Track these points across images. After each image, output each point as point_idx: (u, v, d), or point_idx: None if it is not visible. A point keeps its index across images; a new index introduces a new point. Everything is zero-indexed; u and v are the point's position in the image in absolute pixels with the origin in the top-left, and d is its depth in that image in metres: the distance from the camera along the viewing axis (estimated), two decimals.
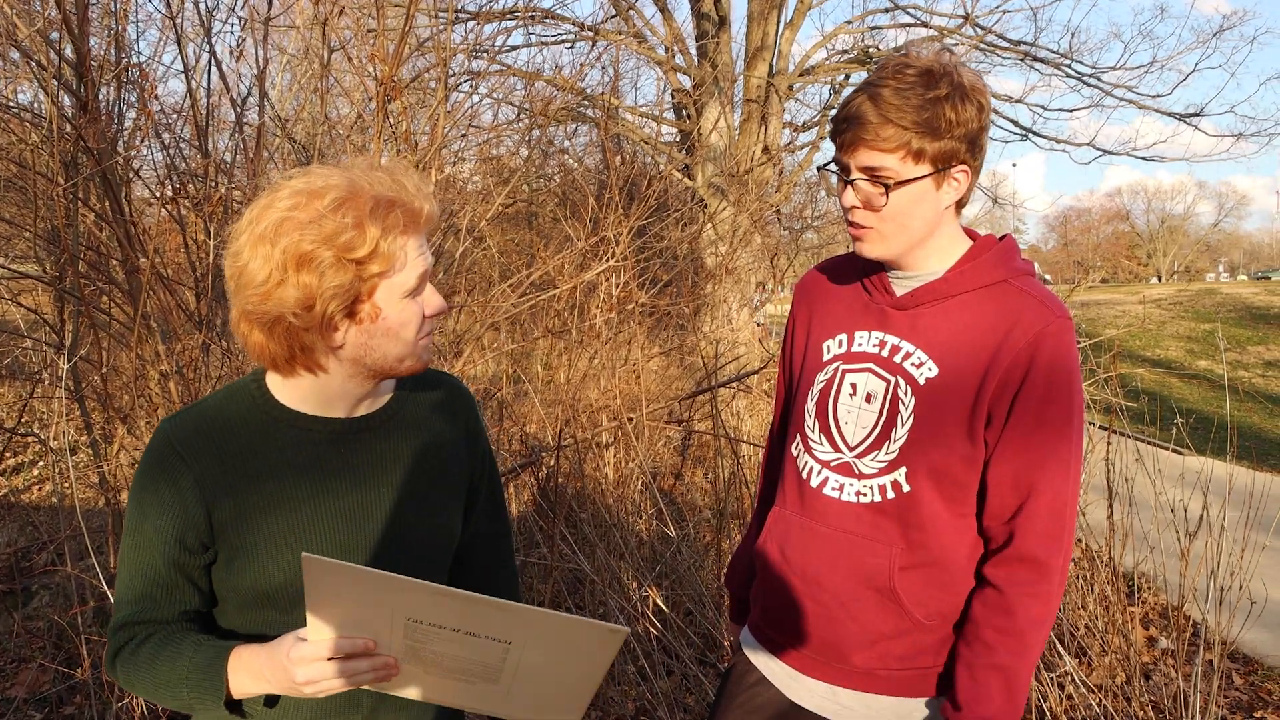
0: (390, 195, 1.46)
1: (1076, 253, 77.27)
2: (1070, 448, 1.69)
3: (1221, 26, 16.08)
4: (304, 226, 1.41)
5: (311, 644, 1.34)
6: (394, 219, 1.45)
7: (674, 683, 4.00)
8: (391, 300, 1.49)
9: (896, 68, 1.68)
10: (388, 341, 1.51)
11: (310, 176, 1.47)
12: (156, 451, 1.51)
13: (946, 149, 1.67)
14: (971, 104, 1.66)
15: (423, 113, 6.83)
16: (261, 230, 1.43)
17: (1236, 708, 4.33)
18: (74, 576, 3.95)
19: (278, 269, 1.42)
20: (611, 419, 5.12)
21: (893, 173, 1.68)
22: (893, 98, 1.64)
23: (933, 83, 1.65)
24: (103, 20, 5.33)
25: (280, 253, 1.42)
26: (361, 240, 1.43)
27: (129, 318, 4.52)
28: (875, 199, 1.71)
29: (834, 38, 14.90)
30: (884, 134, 1.66)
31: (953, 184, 1.72)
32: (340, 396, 1.57)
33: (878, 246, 1.77)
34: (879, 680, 1.81)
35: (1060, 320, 1.69)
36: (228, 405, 1.57)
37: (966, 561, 1.77)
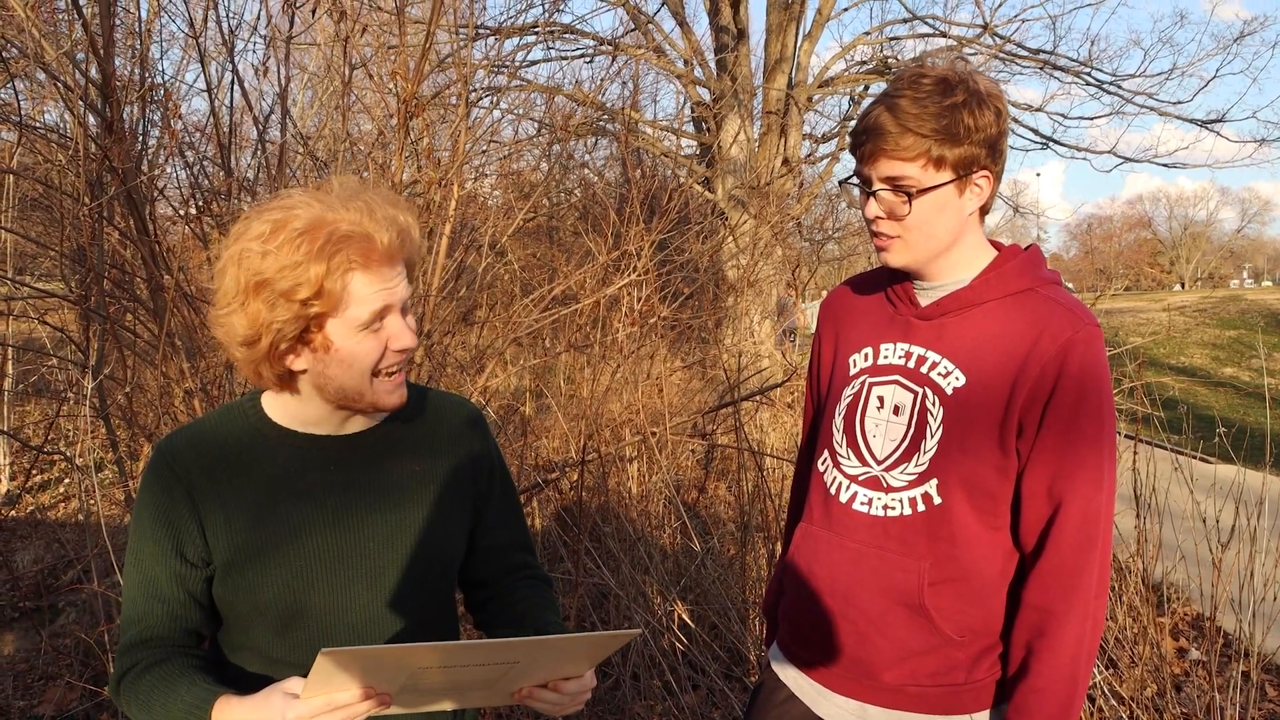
0: (348, 230, 1.46)
1: (1099, 261, 76.83)
2: (1103, 457, 1.67)
3: (1242, 32, 15.97)
4: (261, 257, 1.44)
5: (305, 704, 1.30)
6: (342, 258, 1.45)
7: (700, 697, 3.98)
8: (343, 333, 1.49)
9: (913, 78, 1.68)
10: (342, 372, 1.51)
11: (289, 200, 1.49)
12: (152, 467, 1.55)
13: (967, 155, 1.66)
14: (989, 109, 1.66)
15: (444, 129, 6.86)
16: (235, 251, 1.47)
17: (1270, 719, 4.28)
18: (100, 594, 3.97)
19: (241, 292, 1.46)
20: (635, 433, 5.11)
21: (915, 181, 1.68)
22: (911, 107, 1.64)
23: (949, 90, 1.65)
24: (127, 41, 5.38)
25: (245, 276, 1.45)
26: (304, 278, 1.44)
27: (154, 336, 4.55)
28: (899, 208, 1.71)
29: (853, 49, 14.88)
30: (904, 143, 1.65)
31: (975, 190, 1.71)
32: (322, 416, 1.60)
33: (903, 255, 1.77)
34: (909, 697, 1.79)
35: (1089, 328, 1.67)
36: (222, 422, 1.61)
37: (999, 576, 1.75)
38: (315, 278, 1.43)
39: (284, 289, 1.43)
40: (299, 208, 1.47)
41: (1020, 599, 1.72)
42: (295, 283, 1.43)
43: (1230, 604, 3.60)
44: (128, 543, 1.55)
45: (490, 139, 7.54)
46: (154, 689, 1.47)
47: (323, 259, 1.43)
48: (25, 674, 4.39)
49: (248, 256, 1.44)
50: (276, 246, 1.43)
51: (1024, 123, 15.92)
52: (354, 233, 1.46)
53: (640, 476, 5.21)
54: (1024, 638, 1.70)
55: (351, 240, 1.46)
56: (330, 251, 1.44)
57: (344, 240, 1.45)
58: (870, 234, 1.80)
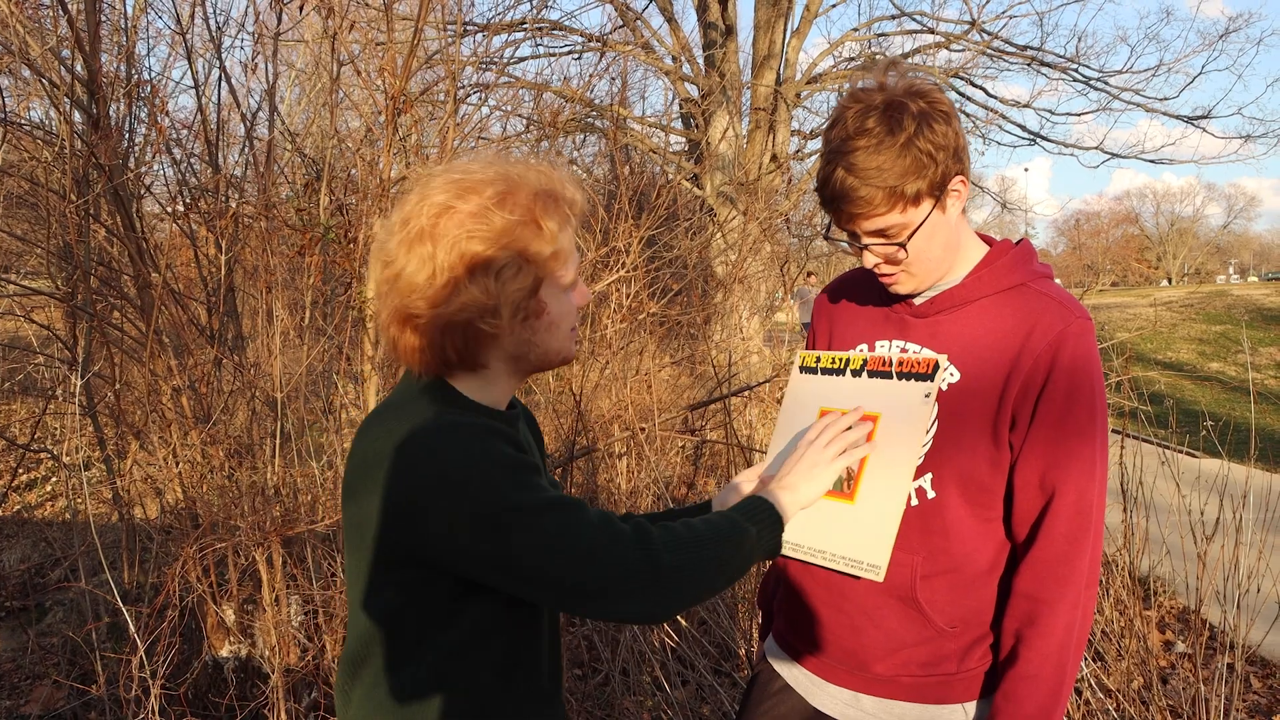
0: (547, 186, 1.44)
1: (1086, 256, 77.07)
2: (1095, 448, 1.68)
3: (1227, 29, 16.12)
4: (468, 224, 1.38)
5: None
6: (560, 211, 1.43)
7: (689, 693, 3.99)
8: (553, 294, 1.47)
9: (857, 127, 1.62)
10: (549, 336, 1.50)
11: (456, 171, 1.44)
12: (503, 438, 1.40)
13: (937, 177, 1.64)
14: (939, 121, 1.63)
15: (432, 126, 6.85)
16: (417, 230, 1.40)
17: (1255, 711, 4.30)
18: (88, 592, 3.97)
19: (443, 270, 1.38)
20: (624, 429, 5.12)
21: (900, 227, 1.67)
22: (868, 160, 1.61)
23: (897, 124, 1.60)
24: (113, 37, 5.36)
25: (445, 253, 1.38)
26: (539, 237, 1.40)
27: (141, 333, 4.54)
28: (894, 254, 1.71)
29: (841, 45, 14.92)
30: (876, 200, 1.63)
31: (954, 197, 1.70)
32: (505, 392, 1.55)
33: (910, 284, 1.77)
34: (901, 687, 1.80)
35: (1081, 321, 1.68)
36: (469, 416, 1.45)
37: (990, 566, 1.76)
38: (550, 235, 1.41)
39: (517, 251, 1.39)
40: (481, 171, 1.43)
41: (1011, 588, 1.73)
42: (529, 243, 1.40)
43: (1215, 597, 3.62)
44: (513, 512, 1.34)
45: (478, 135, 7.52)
46: (694, 528, 1.47)
47: (548, 214, 1.41)
48: (12, 673, 4.38)
49: (447, 227, 1.38)
50: (484, 210, 1.39)
51: (1012, 119, 16.00)
52: (554, 189, 1.45)
53: (629, 472, 5.21)
54: (1014, 626, 1.71)
55: (555, 196, 1.44)
56: (550, 206, 1.42)
57: (551, 196, 1.43)
58: (869, 272, 1.81)
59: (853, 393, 1.80)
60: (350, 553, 1.47)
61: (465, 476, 1.32)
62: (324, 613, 3.80)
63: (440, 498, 1.32)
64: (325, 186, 4.94)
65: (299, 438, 4.21)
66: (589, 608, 1.39)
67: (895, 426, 1.71)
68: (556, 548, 1.33)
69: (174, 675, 3.48)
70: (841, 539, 1.73)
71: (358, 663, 1.48)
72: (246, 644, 3.95)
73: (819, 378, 1.87)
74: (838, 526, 1.74)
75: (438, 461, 1.33)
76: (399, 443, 1.36)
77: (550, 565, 1.34)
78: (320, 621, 3.82)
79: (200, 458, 4.04)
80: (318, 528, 3.87)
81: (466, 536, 1.32)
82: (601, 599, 1.37)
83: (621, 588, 1.36)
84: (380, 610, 1.42)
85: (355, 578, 1.47)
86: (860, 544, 1.71)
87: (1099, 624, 4.05)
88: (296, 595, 3.90)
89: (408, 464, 1.33)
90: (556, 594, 1.37)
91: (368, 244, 4.27)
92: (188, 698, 3.64)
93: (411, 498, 1.33)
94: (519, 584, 1.36)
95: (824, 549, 1.75)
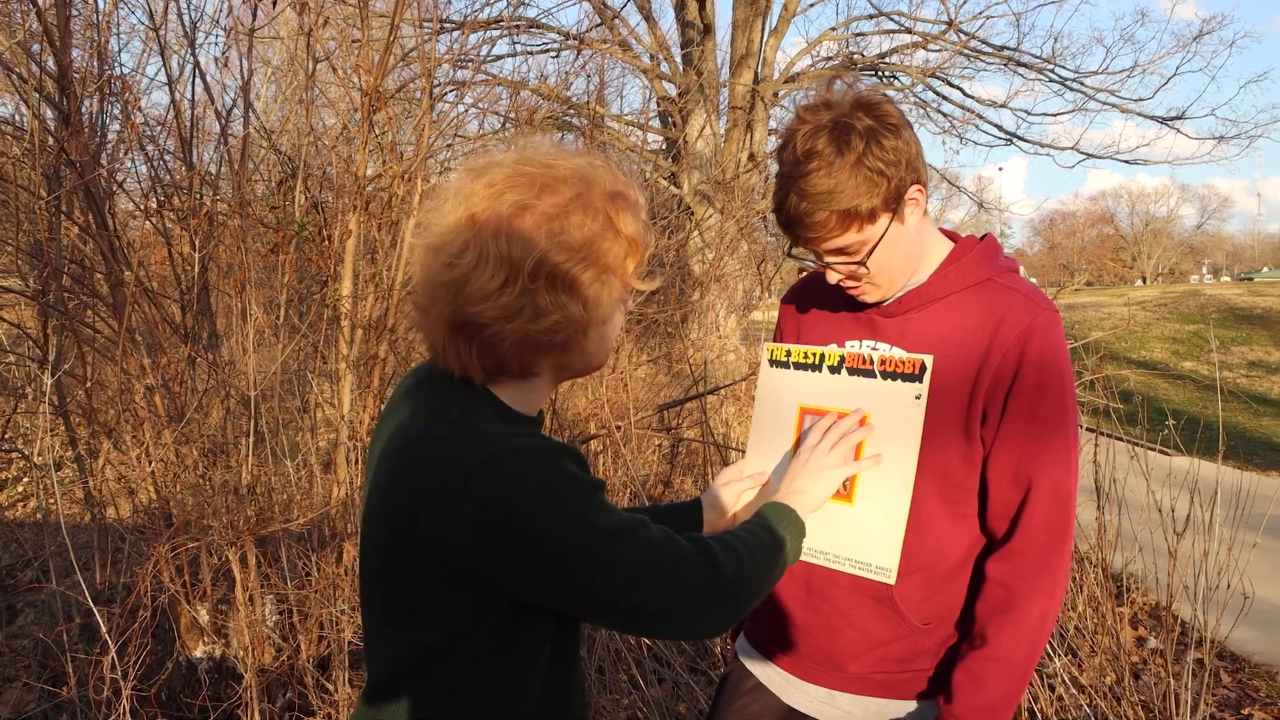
0: (615, 186, 1.37)
1: (1062, 256, 77.51)
2: (1067, 440, 1.69)
3: (1201, 31, 16.23)
4: (551, 229, 1.30)
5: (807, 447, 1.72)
6: (637, 215, 1.37)
7: (665, 691, 3.99)
8: (612, 301, 1.40)
9: (806, 147, 1.62)
10: (599, 342, 1.42)
11: (526, 161, 1.34)
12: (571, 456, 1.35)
13: (891, 191, 1.64)
14: (889, 136, 1.62)
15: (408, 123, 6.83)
16: (492, 227, 1.30)
17: (1225, 705, 4.34)
18: (59, 594, 3.93)
19: (520, 279, 1.29)
20: (600, 427, 5.11)
21: (859, 244, 1.67)
22: (821, 184, 1.61)
23: (845, 143, 1.60)
24: (85, 32, 5.32)
25: (525, 259, 1.29)
26: (618, 243, 1.34)
27: (114, 332, 4.50)
28: (857, 271, 1.72)
29: (819, 44, 14.97)
30: (831, 223, 1.64)
31: (912, 206, 1.70)
32: (539, 400, 1.46)
33: (876, 294, 1.78)
34: (877, 684, 1.81)
35: (1048, 314, 1.69)
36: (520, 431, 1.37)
37: (962, 561, 1.77)
38: (629, 242, 1.36)
39: (602, 265, 1.32)
40: (555, 163, 1.34)
41: (985, 574, 1.74)
42: (615, 255, 1.34)
43: (1186, 593, 3.65)
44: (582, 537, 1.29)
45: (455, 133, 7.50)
46: (746, 541, 1.46)
47: (626, 217, 1.35)
48: None
49: (524, 230, 1.28)
50: (562, 214, 1.31)
51: (988, 118, 16.10)
52: (621, 190, 1.38)
53: (605, 471, 5.21)
54: (988, 609, 1.71)
55: (624, 198, 1.37)
56: (626, 210, 1.36)
57: (621, 198, 1.37)
58: None
59: (834, 391, 1.80)
60: (380, 573, 1.38)
61: (541, 504, 1.26)
62: (299, 612, 3.78)
63: (516, 527, 1.25)
64: (300, 184, 4.93)
65: (274, 437, 4.18)
66: (662, 629, 1.39)
67: (888, 428, 1.72)
68: (632, 574, 1.30)
69: (146, 676, 3.46)
70: (848, 541, 1.75)
71: (393, 694, 1.39)
72: (220, 644, 3.92)
73: (793, 372, 1.87)
74: (842, 528, 1.76)
75: (511, 489, 1.25)
76: (466, 467, 1.26)
77: (628, 591, 1.30)
78: (295, 621, 3.80)
79: (174, 457, 4.01)
80: (292, 527, 3.85)
81: (545, 564, 1.27)
82: (675, 620, 1.35)
83: (694, 608, 1.35)
84: (428, 637, 1.34)
85: (392, 601, 1.38)
86: (868, 547, 1.73)
87: (1072, 620, 4.08)
88: (271, 595, 3.88)
89: (481, 490, 1.25)
90: (630, 618, 1.35)
91: (343, 241, 4.25)
92: (160, 699, 3.61)
93: (486, 525, 1.25)
94: (592, 610, 1.34)
95: (828, 550, 1.78)
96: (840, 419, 1.75)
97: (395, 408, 1.45)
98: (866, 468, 1.73)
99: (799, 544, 1.60)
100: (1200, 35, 16.13)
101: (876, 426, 1.73)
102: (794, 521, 1.59)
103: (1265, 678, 4.64)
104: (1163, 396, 15.07)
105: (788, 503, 1.62)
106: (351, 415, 4.13)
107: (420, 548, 1.30)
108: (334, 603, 3.67)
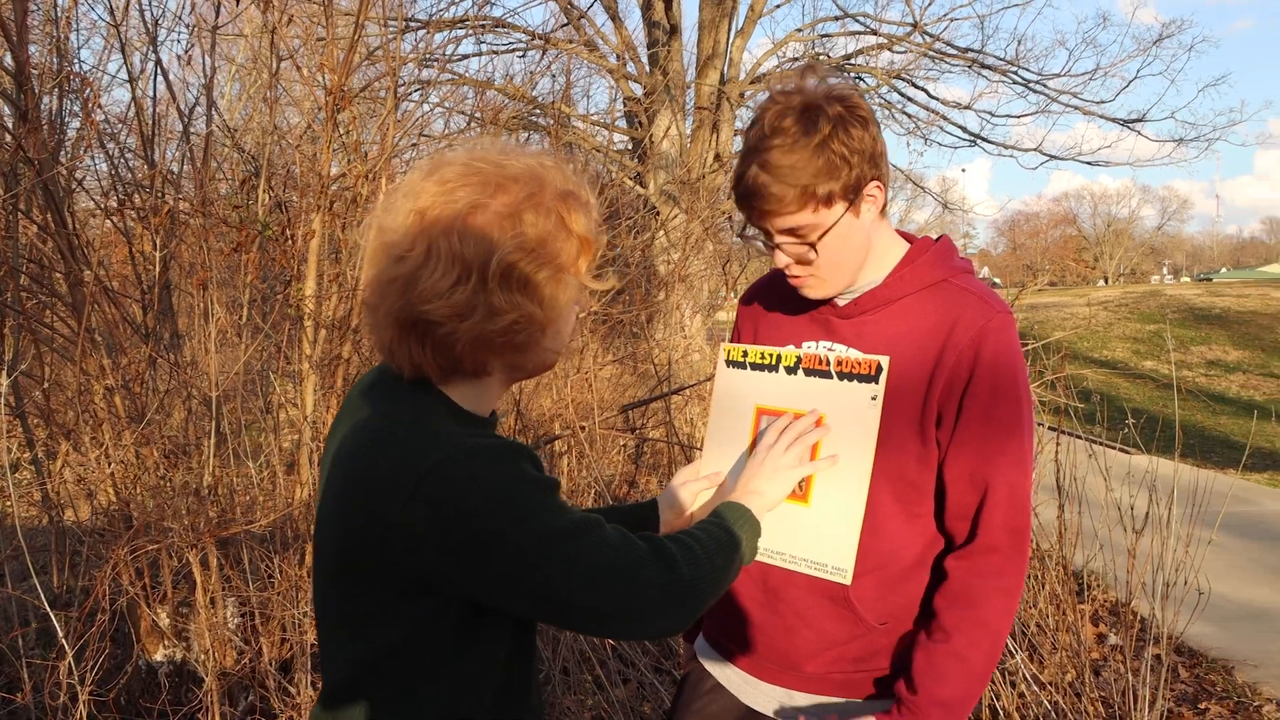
0: (566, 185, 1.36)
1: (1025, 256, 78.19)
2: (1022, 441, 1.71)
3: (1161, 35, 16.44)
4: (503, 227, 1.29)
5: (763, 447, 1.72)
6: (587, 213, 1.37)
7: (630, 691, 4.00)
8: (567, 299, 1.40)
9: (774, 124, 1.64)
10: (555, 340, 1.42)
11: (478, 159, 1.34)
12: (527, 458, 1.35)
13: (851, 180, 1.65)
14: (856, 125, 1.64)
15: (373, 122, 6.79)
16: (441, 226, 1.28)
17: (1183, 700, 4.40)
18: (14, 598, 3.87)
19: (471, 276, 1.28)
20: (564, 427, 5.11)
21: (811, 227, 1.68)
22: (783, 159, 1.62)
23: (813, 126, 1.62)
24: (43, 27, 5.25)
25: (478, 258, 1.28)
26: (570, 242, 1.34)
27: (73, 332, 4.45)
28: (805, 254, 1.72)
29: (785, 45, 15.02)
30: (788, 198, 1.64)
31: (869, 201, 1.71)
32: (491, 400, 1.45)
33: (821, 289, 1.78)
34: (833, 683, 1.82)
35: (1001, 316, 1.71)
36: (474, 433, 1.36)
37: (918, 561, 1.78)
38: (581, 238, 1.35)
39: (556, 263, 1.32)
40: (506, 162, 1.33)
41: (946, 571, 1.75)
42: (569, 254, 1.34)
43: (1145, 589, 3.70)
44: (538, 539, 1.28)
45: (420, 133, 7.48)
46: (701, 541, 1.46)
47: (578, 215, 1.35)
48: None
49: (477, 227, 1.28)
50: (514, 212, 1.30)
51: (953, 120, 16.20)
52: (572, 189, 1.37)
53: (570, 471, 5.21)
54: (947, 603, 1.72)
55: (575, 196, 1.37)
56: (578, 208, 1.36)
57: (572, 196, 1.37)
58: (784, 274, 1.81)
59: (791, 391, 1.80)
60: (335, 577, 1.37)
61: (495, 504, 1.25)
62: (261, 615, 3.75)
63: (469, 528, 1.24)
64: (264, 183, 4.89)
65: (236, 438, 4.15)
66: (617, 630, 1.39)
67: (843, 429, 1.73)
68: (587, 574, 1.30)
69: (104, 681, 3.41)
70: (804, 542, 1.76)
71: (350, 697, 1.38)
72: (181, 648, 3.88)
73: (749, 373, 1.87)
74: (798, 529, 1.76)
75: (465, 490, 1.25)
76: (419, 469, 1.25)
77: (583, 592, 1.30)
78: (258, 624, 3.77)
79: (134, 458, 3.96)
80: (254, 528, 3.82)
81: (499, 565, 1.26)
82: (631, 620, 1.35)
83: (650, 609, 1.34)
84: (384, 640, 1.33)
85: (348, 604, 1.36)
86: (823, 547, 1.74)
87: (1034, 618, 4.12)
88: (233, 597, 3.85)
89: (433, 492, 1.24)
90: (585, 619, 1.35)
91: (307, 241, 4.22)
92: (119, 703, 3.57)
93: (439, 527, 1.24)
94: (547, 611, 1.34)
95: (785, 551, 1.78)
96: (796, 419, 1.76)
97: (350, 409, 1.44)
98: (822, 468, 1.73)
99: (755, 544, 1.60)
100: (1160, 39, 16.38)
101: (833, 427, 1.74)
102: (750, 521, 1.60)
103: (1221, 672, 4.71)
104: (1124, 396, 15.24)
105: (744, 502, 1.62)
106: (315, 416, 4.11)
107: (375, 550, 1.29)
108: (297, 604, 3.64)
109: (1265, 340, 22.59)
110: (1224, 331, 23.25)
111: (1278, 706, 4.34)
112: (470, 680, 1.37)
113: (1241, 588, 6.01)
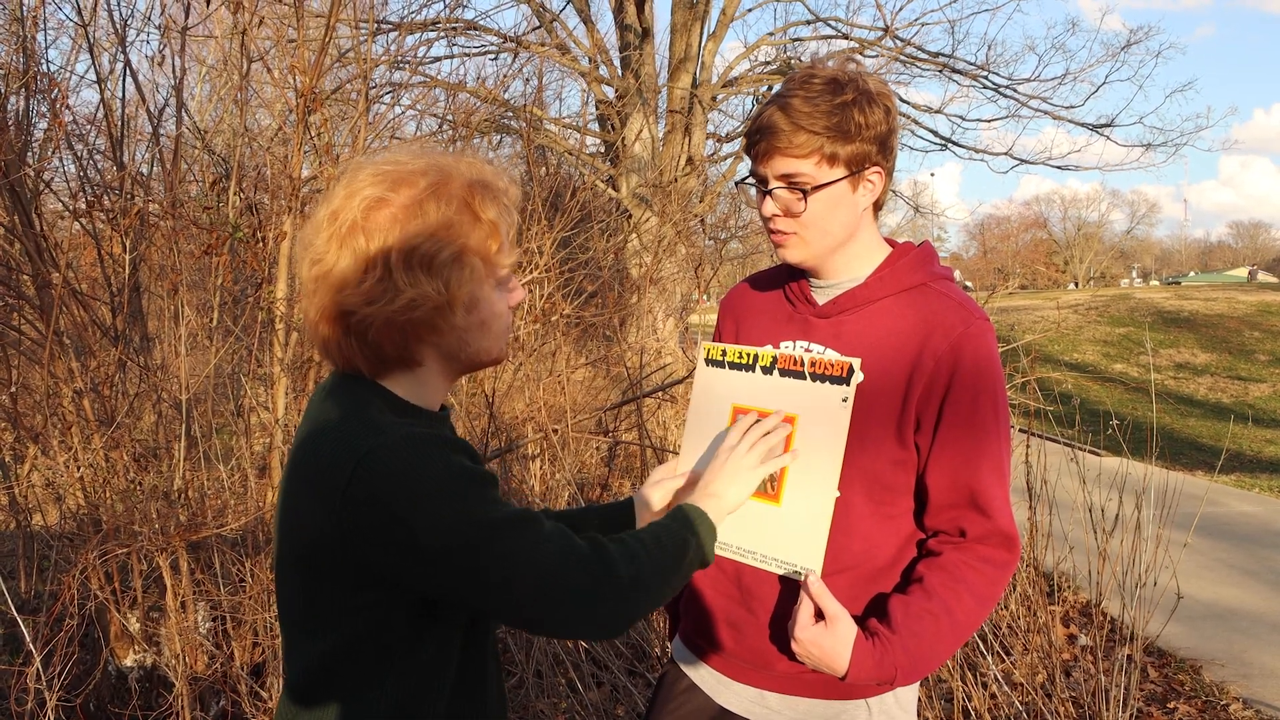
0: (480, 175, 1.40)
1: (996, 260, 78.79)
2: (1000, 446, 1.74)
3: (1129, 41, 16.53)
4: (403, 217, 1.34)
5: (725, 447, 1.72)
6: (498, 201, 1.40)
7: (604, 694, 3.99)
8: (490, 289, 1.43)
9: (804, 78, 1.72)
10: (482, 333, 1.44)
11: (385, 162, 1.39)
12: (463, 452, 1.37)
13: (859, 152, 1.71)
14: (878, 108, 1.71)
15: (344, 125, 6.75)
16: (349, 224, 1.34)
17: (1152, 700, 4.44)
18: None
19: (379, 265, 1.33)
20: (537, 430, 5.10)
21: (809, 178, 1.71)
22: (803, 105, 1.68)
23: (840, 89, 1.69)
24: (10, 27, 5.19)
25: (380, 248, 1.33)
26: (478, 227, 1.37)
27: (40, 334, 4.40)
28: (794, 205, 1.74)
29: (757, 49, 15.05)
30: (797, 140, 1.69)
31: (868, 185, 1.76)
32: (434, 392, 1.47)
33: (800, 251, 1.80)
34: (805, 683, 1.82)
35: (980, 322, 1.73)
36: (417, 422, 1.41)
37: (892, 561, 1.79)
38: (489, 225, 1.38)
39: (457, 244, 1.35)
40: (411, 162, 1.38)
41: (932, 550, 1.77)
42: (469, 235, 1.36)
43: (1116, 590, 3.73)
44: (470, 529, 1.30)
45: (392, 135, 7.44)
46: (644, 542, 1.46)
47: (487, 203, 1.38)
48: None
49: (381, 220, 1.33)
50: (418, 201, 1.35)
51: (924, 124, 16.26)
52: (488, 180, 1.41)
53: (543, 474, 5.20)
54: (925, 572, 1.74)
55: (491, 187, 1.40)
56: (489, 196, 1.39)
57: (487, 186, 1.40)
58: (768, 232, 1.83)
59: (766, 391, 1.81)
60: (289, 574, 1.40)
61: (425, 494, 1.27)
62: (232, 619, 3.72)
63: (403, 516, 1.26)
64: (234, 185, 4.85)
65: (207, 441, 4.12)
66: (549, 626, 1.40)
67: (814, 430, 1.73)
68: (520, 567, 1.31)
69: (73, 686, 3.38)
70: (772, 541, 1.76)
71: (307, 693, 1.40)
72: (151, 652, 3.85)
73: (727, 372, 1.88)
74: (767, 528, 1.76)
75: (397, 479, 1.27)
76: (352, 459, 1.28)
77: (513, 585, 1.31)
78: (229, 628, 3.74)
79: (103, 462, 3.92)
80: (225, 532, 3.79)
81: (431, 555, 1.28)
82: (562, 617, 1.35)
83: (584, 605, 1.34)
84: (337, 636, 1.36)
85: (301, 601, 1.39)
86: (792, 547, 1.74)
87: (1005, 619, 4.15)
88: (204, 601, 3.81)
89: (366, 483, 1.27)
90: (518, 613, 1.35)
91: (278, 243, 4.20)
92: (87, 709, 3.54)
93: (374, 518, 1.27)
94: (483, 603, 1.34)
95: (754, 549, 1.78)
96: (761, 419, 1.76)
97: (310, 412, 1.47)
98: (783, 464, 1.73)
99: (710, 545, 1.60)
100: (1128, 45, 16.46)
101: (805, 427, 1.74)
102: (705, 523, 1.59)
103: (1190, 672, 4.76)
104: (1094, 398, 15.38)
105: (701, 505, 1.62)
106: (286, 419, 4.08)
107: (318, 547, 1.32)
108: (268, 608, 3.62)
109: (1232, 343, 22.89)
110: (1192, 334, 23.53)
111: (1244, 705, 4.39)
112: (423, 678, 1.39)
113: (1209, 588, 6.08)
